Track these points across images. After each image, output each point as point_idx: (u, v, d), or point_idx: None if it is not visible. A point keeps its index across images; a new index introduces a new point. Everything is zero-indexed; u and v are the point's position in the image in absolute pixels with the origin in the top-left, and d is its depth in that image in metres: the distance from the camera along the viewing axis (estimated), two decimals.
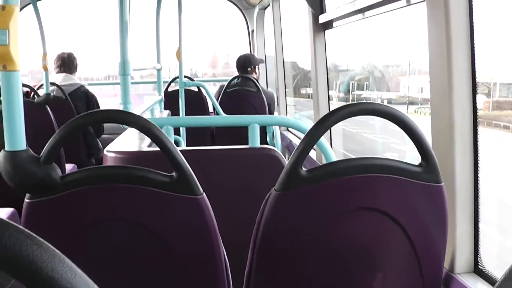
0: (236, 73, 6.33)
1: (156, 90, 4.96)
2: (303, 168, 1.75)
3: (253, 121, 2.73)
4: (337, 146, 4.46)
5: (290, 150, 5.81)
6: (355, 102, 1.97)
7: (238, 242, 2.06)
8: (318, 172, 1.76)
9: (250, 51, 8.22)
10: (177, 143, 4.00)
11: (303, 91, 8.80)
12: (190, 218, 1.76)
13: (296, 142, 5.53)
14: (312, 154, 4.31)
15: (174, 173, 1.73)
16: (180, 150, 1.77)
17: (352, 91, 7.47)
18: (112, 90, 9.78)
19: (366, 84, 7.36)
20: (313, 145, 1.78)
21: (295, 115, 7.92)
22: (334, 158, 2.55)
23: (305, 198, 1.76)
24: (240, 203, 2.57)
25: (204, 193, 1.76)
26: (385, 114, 1.77)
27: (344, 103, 2.06)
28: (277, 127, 5.41)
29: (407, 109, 6.09)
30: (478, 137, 2.08)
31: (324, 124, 1.78)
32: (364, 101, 5.80)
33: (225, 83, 6.25)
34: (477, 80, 2.06)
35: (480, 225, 2.14)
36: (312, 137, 1.77)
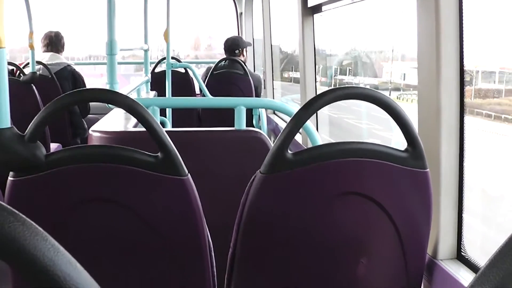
0: (219, 56, 6.30)
1: (138, 71, 4.93)
2: (289, 151, 1.75)
3: (239, 104, 2.73)
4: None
5: (276, 133, 5.81)
6: (341, 86, 1.96)
7: (223, 224, 2.06)
8: (304, 156, 1.76)
9: (238, 34, 8.18)
10: (163, 124, 3.99)
11: (285, 74, 8.79)
12: (175, 198, 1.76)
13: (282, 125, 5.53)
14: (298, 137, 4.31)
15: (159, 154, 1.73)
16: (166, 131, 1.77)
17: (334, 76, 7.47)
18: (93, 70, 9.71)
19: (349, 69, 7.37)
20: (299, 128, 1.78)
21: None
22: (320, 142, 2.55)
23: (290, 181, 1.76)
24: (225, 185, 2.57)
25: (189, 174, 1.76)
26: (372, 99, 1.77)
27: (326, 88, 2.06)
28: (263, 110, 5.41)
29: (389, 95, 6.11)
30: (464, 124, 2.08)
31: (311, 107, 1.77)
32: (346, 85, 5.82)
33: (212, 65, 6.22)
34: (465, 67, 2.06)
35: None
36: (298, 120, 1.76)
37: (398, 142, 2.01)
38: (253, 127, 5.23)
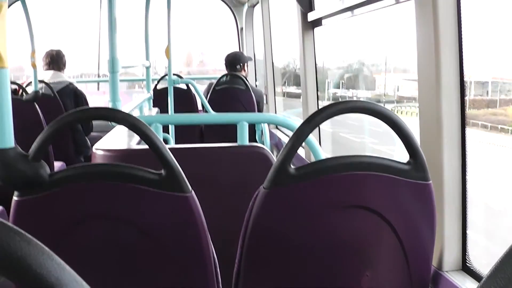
0: (211, 71, 6.31)
1: (130, 88, 4.94)
2: (292, 166, 1.75)
3: (242, 119, 2.73)
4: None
5: (279, 148, 5.82)
6: (342, 100, 1.96)
7: (228, 240, 2.07)
8: (307, 170, 1.76)
9: (239, 49, 8.21)
10: (166, 140, 4.00)
11: (278, 89, 8.82)
12: (179, 215, 1.76)
13: (285, 140, 5.54)
14: (301, 152, 4.32)
15: (162, 171, 1.73)
16: (169, 148, 1.77)
17: (327, 89, 7.49)
18: (93, 88, 9.72)
19: (342, 83, 7.39)
20: (301, 143, 1.78)
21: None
22: (323, 156, 2.55)
23: (294, 196, 1.77)
24: (229, 201, 2.57)
25: (192, 190, 1.76)
26: (374, 112, 1.77)
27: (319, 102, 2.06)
28: (266, 125, 5.42)
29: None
30: (466, 135, 2.09)
31: (313, 121, 1.78)
32: (339, 99, 5.82)
33: (214, 81, 6.24)
34: (465, 78, 2.07)
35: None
36: (300, 135, 1.77)
37: (400, 156, 2.01)
38: (256, 142, 5.25)
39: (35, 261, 0.55)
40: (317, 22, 4.04)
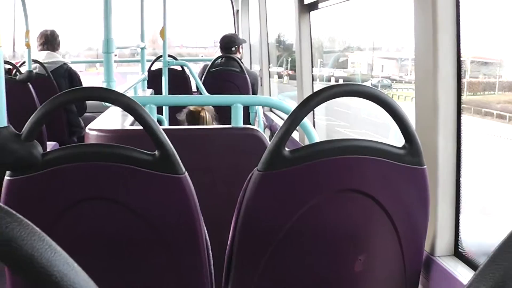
0: (178, 48, 6.25)
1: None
2: (286, 149, 1.75)
3: (236, 101, 2.72)
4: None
5: (273, 131, 5.81)
6: (338, 83, 1.96)
7: (221, 221, 2.06)
8: (301, 153, 1.76)
9: (235, 31, 8.18)
10: (160, 122, 3.98)
11: (277, 70, 8.81)
12: (172, 196, 1.76)
13: (280, 123, 5.53)
14: (296, 135, 4.31)
15: (156, 152, 1.72)
16: (163, 129, 1.76)
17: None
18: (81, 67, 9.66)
19: (321, 62, 7.39)
20: (296, 126, 1.78)
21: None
22: (317, 139, 2.55)
23: (288, 179, 1.76)
24: (222, 183, 2.57)
25: (186, 172, 1.76)
26: (369, 96, 1.77)
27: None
28: (260, 107, 5.40)
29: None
30: (461, 120, 2.08)
31: (308, 105, 1.77)
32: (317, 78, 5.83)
33: (209, 63, 6.22)
34: (462, 64, 2.06)
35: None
36: (295, 118, 1.76)
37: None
38: (250, 124, 5.25)
39: (25, 242, 0.54)
40: (313, 5, 4.02)
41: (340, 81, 7.24)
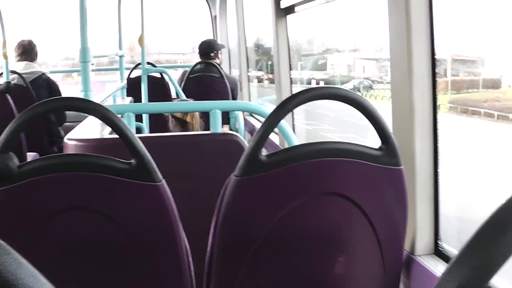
0: (156, 55, 6.24)
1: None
2: (264, 153, 1.75)
3: (214, 107, 2.72)
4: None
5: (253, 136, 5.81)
6: (316, 86, 1.97)
7: (201, 228, 2.06)
8: (278, 157, 1.76)
9: (213, 37, 8.17)
10: (139, 130, 3.97)
11: (257, 74, 8.81)
12: (150, 204, 1.75)
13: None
14: (276, 139, 4.32)
15: (133, 160, 1.72)
16: (141, 137, 1.76)
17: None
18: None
19: (301, 65, 7.42)
20: (272, 129, 1.78)
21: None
22: (296, 142, 2.55)
23: (265, 184, 1.76)
24: (202, 189, 2.56)
25: (163, 179, 1.75)
26: (345, 99, 1.78)
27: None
28: (240, 112, 5.41)
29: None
30: (437, 120, 2.10)
31: (285, 108, 1.78)
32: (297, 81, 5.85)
33: (188, 69, 6.21)
34: (436, 64, 2.08)
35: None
36: (272, 121, 1.77)
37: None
38: (231, 130, 5.24)
39: None
40: (290, 9, 4.03)
41: (321, 83, 7.27)
